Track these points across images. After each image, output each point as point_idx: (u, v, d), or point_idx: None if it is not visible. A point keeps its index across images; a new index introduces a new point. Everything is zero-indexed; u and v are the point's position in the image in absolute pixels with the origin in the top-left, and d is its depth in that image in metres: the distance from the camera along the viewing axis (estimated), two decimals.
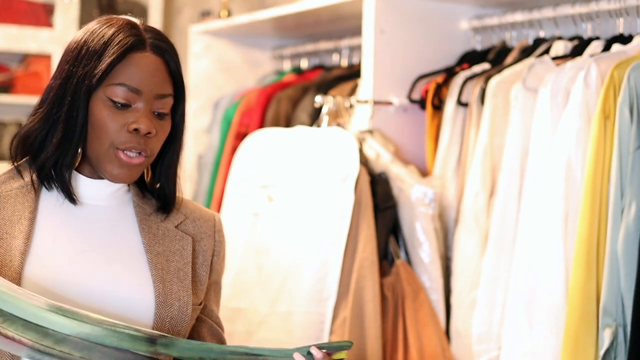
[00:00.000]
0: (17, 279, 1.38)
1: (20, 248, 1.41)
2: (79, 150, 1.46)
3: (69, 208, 1.49)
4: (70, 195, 1.48)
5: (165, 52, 1.49)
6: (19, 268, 1.39)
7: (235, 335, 2.37)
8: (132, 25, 1.49)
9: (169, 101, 1.49)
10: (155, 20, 4.18)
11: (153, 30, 1.51)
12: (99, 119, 1.44)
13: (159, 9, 4.20)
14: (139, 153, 1.45)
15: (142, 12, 4.16)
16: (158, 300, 1.45)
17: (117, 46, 1.44)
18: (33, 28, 3.98)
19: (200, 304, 1.55)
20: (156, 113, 1.47)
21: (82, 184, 1.50)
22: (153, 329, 1.44)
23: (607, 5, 2.25)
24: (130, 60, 1.45)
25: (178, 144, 1.54)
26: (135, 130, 1.44)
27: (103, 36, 1.46)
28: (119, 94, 1.44)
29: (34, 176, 1.48)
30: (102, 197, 1.52)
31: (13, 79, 4.06)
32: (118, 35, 1.46)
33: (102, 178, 1.50)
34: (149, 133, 1.45)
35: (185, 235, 1.55)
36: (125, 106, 1.45)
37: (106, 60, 1.43)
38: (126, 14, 1.55)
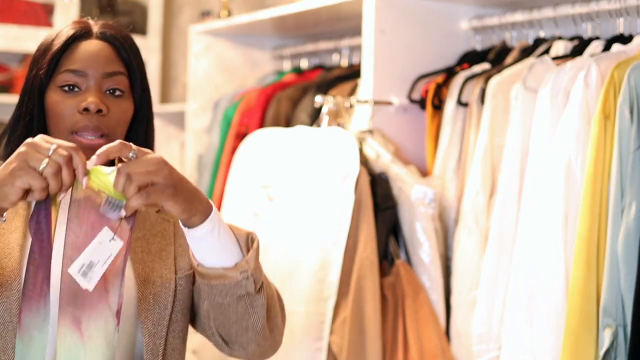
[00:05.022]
0: (18, 269, 1.43)
1: (19, 241, 1.46)
2: None
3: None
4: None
5: (115, 39, 1.54)
6: (19, 258, 1.44)
7: None
8: (83, 21, 1.56)
9: (121, 79, 1.52)
10: (155, 20, 4.18)
11: (107, 25, 1.56)
12: (53, 108, 1.50)
13: (159, 9, 4.19)
14: (100, 136, 1.49)
15: (142, 12, 4.15)
16: (139, 280, 1.50)
17: (61, 38, 1.52)
18: (33, 28, 3.98)
19: (191, 269, 1.57)
20: (109, 91, 1.51)
21: None
22: (137, 305, 1.49)
23: (607, 5, 2.25)
24: (74, 48, 1.52)
25: (142, 128, 1.57)
26: (86, 110, 1.48)
27: (52, 34, 1.55)
28: (67, 79, 1.50)
29: None
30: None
31: (13, 79, 4.06)
32: (65, 30, 1.54)
33: None
34: (99, 111, 1.48)
35: (166, 219, 1.60)
36: (74, 89, 1.50)
37: (51, 53, 1.51)
38: (126, 14, 1.58)
